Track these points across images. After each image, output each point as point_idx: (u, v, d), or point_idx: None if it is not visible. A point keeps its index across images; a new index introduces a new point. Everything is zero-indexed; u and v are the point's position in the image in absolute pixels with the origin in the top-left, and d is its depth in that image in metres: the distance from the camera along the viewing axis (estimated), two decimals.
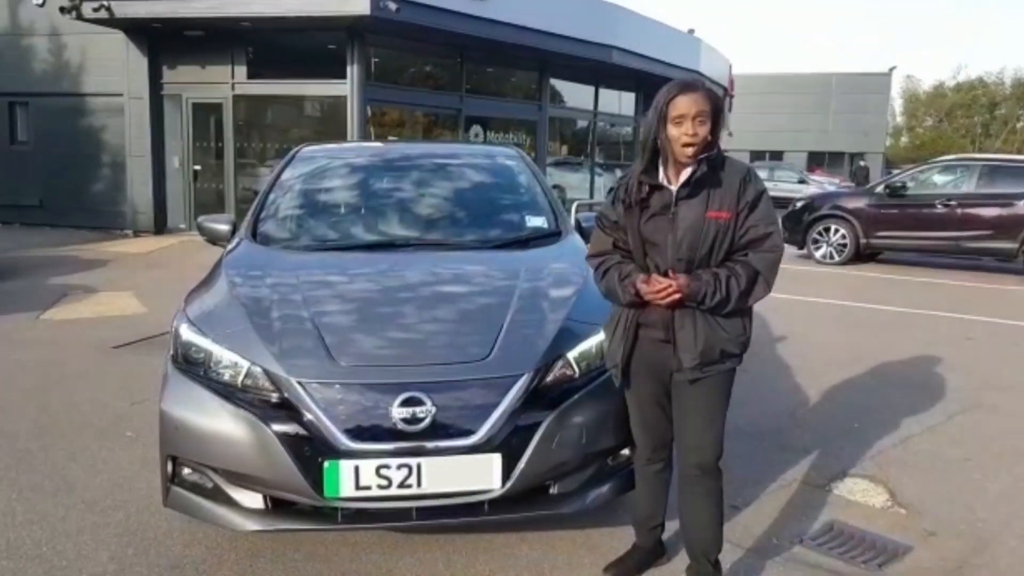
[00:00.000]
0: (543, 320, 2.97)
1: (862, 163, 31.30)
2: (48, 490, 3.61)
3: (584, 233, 3.92)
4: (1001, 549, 3.21)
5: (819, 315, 7.98)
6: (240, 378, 2.75)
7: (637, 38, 15.83)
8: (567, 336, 2.90)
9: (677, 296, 2.39)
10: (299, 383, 2.64)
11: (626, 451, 2.91)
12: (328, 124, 13.30)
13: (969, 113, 48.06)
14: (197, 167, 13.62)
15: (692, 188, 2.44)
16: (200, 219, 4.18)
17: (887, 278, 10.83)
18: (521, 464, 2.64)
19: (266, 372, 2.71)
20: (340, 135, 12.58)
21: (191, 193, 13.67)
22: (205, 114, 13.44)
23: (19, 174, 14.53)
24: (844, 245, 11.76)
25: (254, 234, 3.83)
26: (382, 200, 4.15)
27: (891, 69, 41.32)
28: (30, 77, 14.43)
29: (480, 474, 2.63)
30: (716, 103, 2.44)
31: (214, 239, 4.08)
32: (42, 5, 13.78)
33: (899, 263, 12.01)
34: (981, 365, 6.10)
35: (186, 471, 2.82)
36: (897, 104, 51.49)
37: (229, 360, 2.80)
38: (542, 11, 13.56)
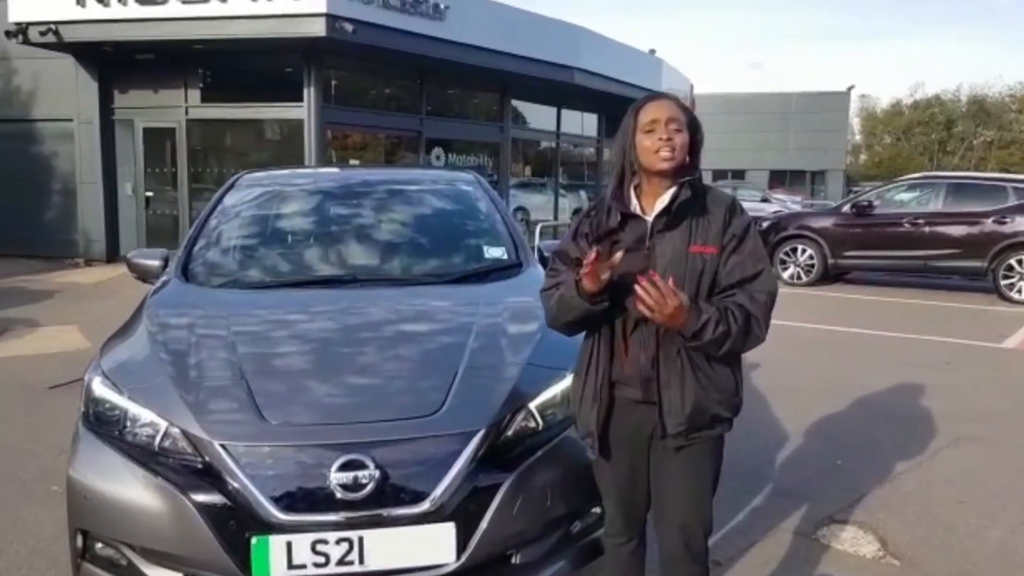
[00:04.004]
0: (502, 365, 2.67)
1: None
2: None
3: (547, 264, 3.63)
4: None
5: (791, 339, 7.77)
6: (157, 440, 2.41)
7: (599, 59, 15.73)
8: (529, 383, 2.59)
9: (666, 314, 1.94)
10: (222, 446, 2.30)
11: (597, 509, 2.60)
12: (286, 148, 12.95)
13: (927, 130, 48.93)
14: (149, 193, 13.19)
15: (672, 218, 2.09)
16: (130, 254, 3.81)
17: (857, 299, 10.71)
18: (478, 533, 2.32)
19: (185, 433, 2.37)
20: (298, 159, 12.25)
21: (143, 220, 13.21)
22: (158, 139, 13.03)
23: None
24: (812, 265, 11.65)
25: (185, 271, 3.48)
26: (327, 232, 3.80)
27: (849, 88, 42.02)
28: None
29: (431, 547, 2.30)
30: (692, 117, 2.13)
31: (145, 276, 3.71)
32: None
33: (868, 283, 11.93)
34: (962, 392, 5.91)
35: (99, 545, 2.46)
36: (855, 123, 52.32)
37: (145, 419, 2.45)
38: (503, 32, 13.39)
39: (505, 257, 3.68)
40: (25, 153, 13.74)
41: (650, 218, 2.12)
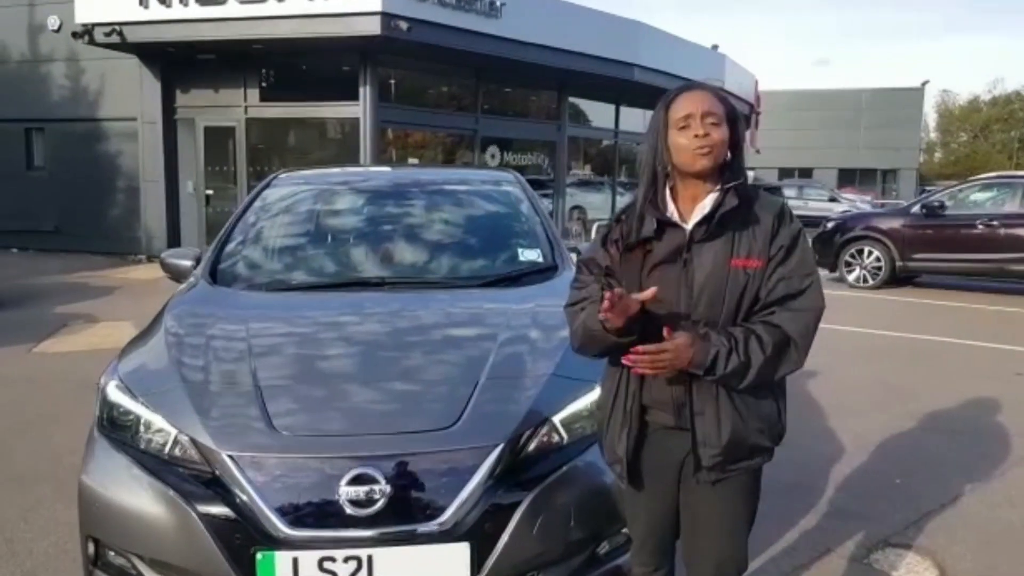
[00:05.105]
0: (526, 376, 2.53)
1: None
2: None
3: None
4: None
5: (853, 345, 7.44)
6: (167, 448, 2.35)
7: (659, 55, 15.41)
8: (554, 395, 2.45)
9: (667, 364, 1.79)
10: (229, 456, 2.23)
11: (626, 530, 2.44)
12: (343, 146, 13.06)
13: (1006, 127, 46.92)
14: (210, 191, 13.43)
15: (714, 226, 1.86)
16: (163, 254, 3.81)
17: (926, 303, 10.23)
18: (495, 554, 2.19)
19: (194, 442, 2.30)
20: (354, 158, 12.32)
21: (204, 217, 13.48)
22: (218, 138, 13.27)
23: (35, 199, 14.49)
24: (879, 268, 11.17)
25: (213, 273, 3.43)
26: (357, 232, 3.72)
27: (924, 83, 40.60)
28: (47, 103, 14.42)
29: (445, 567, 2.18)
30: (731, 109, 1.90)
31: (177, 276, 3.69)
32: (58, 31, 13.85)
33: (938, 287, 11.39)
34: None
35: (111, 553, 2.42)
36: (931, 119, 50.54)
37: (157, 426, 2.40)
38: (560, 28, 13.21)
39: (540, 260, 3.54)
40: (92, 152, 14.19)
41: (689, 226, 1.90)
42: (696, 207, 1.90)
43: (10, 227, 14.35)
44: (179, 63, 12.89)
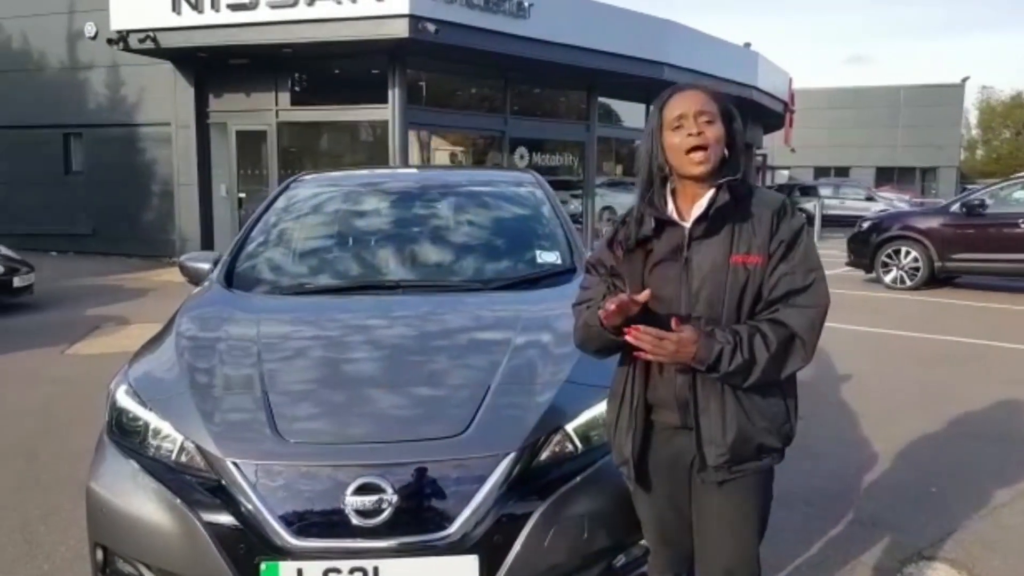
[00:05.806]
0: (538, 383, 2.46)
1: None
2: (7, 557, 3.29)
3: None
4: None
5: (888, 349, 7.25)
6: (174, 455, 2.32)
7: (690, 53, 15.23)
8: (567, 402, 2.38)
9: (668, 353, 1.77)
10: (234, 464, 2.19)
11: (644, 541, 2.36)
12: (373, 149, 13.12)
13: None
14: (242, 194, 13.57)
15: (711, 223, 1.85)
16: (182, 257, 3.81)
17: (965, 305, 9.95)
18: (505, 567, 2.13)
19: (200, 449, 2.27)
20: (384, 160, 12.36)
21: (237, 220, 13.61)
22: (250, 141, 13.41)
23: (73, 204, 14.81)
24: (916, 269, 10.90)
25: (228, 276, 3.41)
26: (372, 236, 3.68)
27: (964, 80, 39.67)
28: (84, 109, 14.72)
29: None
30: (725, 108, 1.89)
31: (196, 280, 3.68)
32: (94, 38, 14.10)
33: (979, 288, 11.08)
34: None
35: (119, 561, 2.40)
36: (972, 116, 49.38)
37: (164, 432, 2.37)
38: (589, 28, 13.13)
39: (559, 262, 3.46)
40: (128, 156, 14.46)
41: (687, 224, 1.89)
42: (695, 205, 1.90)
43: (49, 231, 14.67)
44: (212, 68, 13.05)
